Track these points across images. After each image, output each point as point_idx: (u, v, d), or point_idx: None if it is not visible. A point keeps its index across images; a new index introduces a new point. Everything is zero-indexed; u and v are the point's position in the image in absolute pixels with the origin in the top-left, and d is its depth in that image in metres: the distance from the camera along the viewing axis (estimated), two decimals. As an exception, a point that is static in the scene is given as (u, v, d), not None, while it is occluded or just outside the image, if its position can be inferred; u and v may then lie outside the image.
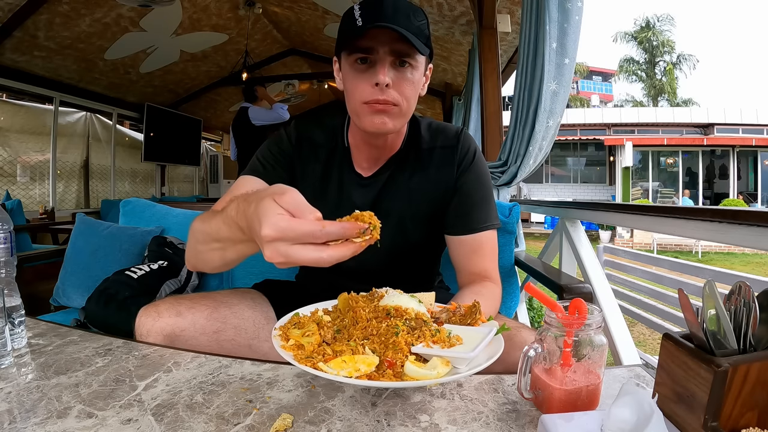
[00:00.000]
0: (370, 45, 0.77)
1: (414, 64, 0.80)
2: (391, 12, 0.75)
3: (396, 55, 0.78)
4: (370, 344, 0.55)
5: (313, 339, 0.56)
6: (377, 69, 0.77)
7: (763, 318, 0.47)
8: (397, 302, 0.61)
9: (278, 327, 0.62)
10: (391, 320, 0.57)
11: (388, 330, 0.56)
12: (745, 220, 0.99)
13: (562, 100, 1.90)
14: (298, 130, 0.94)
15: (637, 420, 0.44)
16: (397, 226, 0.92)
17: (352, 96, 0.81)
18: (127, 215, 1.79)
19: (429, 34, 0.82)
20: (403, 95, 0.80)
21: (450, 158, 0.92)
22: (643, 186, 13.21)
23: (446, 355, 0.53)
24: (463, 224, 0.91)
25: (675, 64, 21.97)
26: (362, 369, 0.51)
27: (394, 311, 0.59)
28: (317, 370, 0.50)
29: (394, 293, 0.64)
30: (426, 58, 0.84)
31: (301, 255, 0.47)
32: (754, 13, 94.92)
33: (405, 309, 0.60)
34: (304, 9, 4.76)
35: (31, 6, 3.46)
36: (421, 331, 0.57)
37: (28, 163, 4.55)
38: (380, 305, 0.60)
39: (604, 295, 1.67)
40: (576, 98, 22.54)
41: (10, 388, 0.59)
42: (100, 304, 1.33)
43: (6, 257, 0.71)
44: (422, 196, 0.92)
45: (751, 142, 12.73)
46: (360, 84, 0.79)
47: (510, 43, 3.98)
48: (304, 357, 0.53)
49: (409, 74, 0.80)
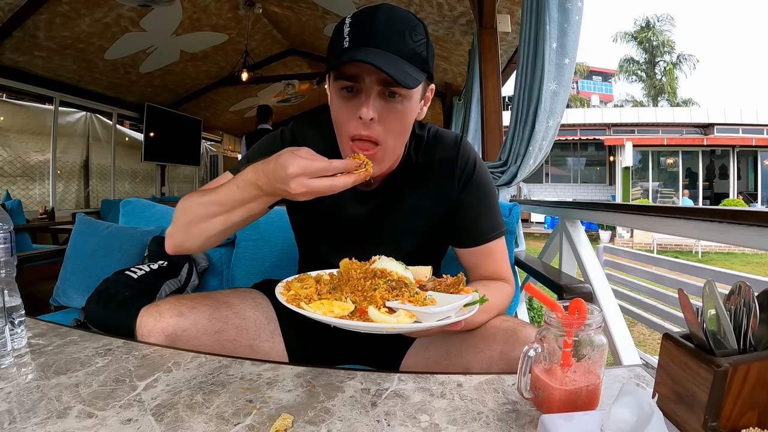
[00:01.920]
0: (356, 72, 0.70)
1: (406, 94, 0.72)
2: (383, 30, 0.68)
3: (385, 84, 0.70)
4: (353, 297, 0.62)
5: (309, 291, 0.64)
6: (362, 100, 0.70)
7: (763, 318, 0.47)
8: (384, 266, 0.67)
9: (284, 282, 0.69)
10: (375, 279, 0.64)
11: (370, 287, 0.63)
12: (745, 220, 0.99)
13: (562, 100, 1.90)
14: (294, 133, 0.89)
15: (637, 420, 0.44)
16: (395, 240, 0.89)
17: (338, 127, 0.77)
18: (127, 215, 1.79)
19: (428, 54, 0.74)
20: (390, 131, 0.73)
21: (450, 171, 0.87)
22: (643, 186, 13.21)
23: (414, 310, 0.59)
24: (471, 238, 0.88)
25: (675, 64, 21.96)
26: (336, 311, 0.59)
27: (380, 273, 0.65)
28: (299, 308, 0.59)
29: (385, 259, 0.70)
30: (424, 82, 0.76)
31: (319, 184, 0.61)
32: (754, 13, 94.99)
33: (389, 272, 0.66)
34: (304, 9, 4.76)
35: (31, 6, 3.46)
36: (400, 291, 0.63)
37: (28, 163, 4.55)
38: (370, 268, 0.67)
39: (604, 295, 1.67)
40: (576, 98, 22.54)
41: (10, 388, 0.59)
42: (100, 304, 1.33)
43: (6, 257, 0.71)
44: (422, 212, 0.88)
45: (751, 142, 12.73)
46: (344, 114, 0.73)
47: (510, 43, 3.98)
48: (292, 298, 0.63)
49: (400, 106, 0.72)
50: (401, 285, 0.64)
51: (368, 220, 0.88)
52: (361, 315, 0.59)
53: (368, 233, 0.89)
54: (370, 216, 0.88)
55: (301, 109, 7.77)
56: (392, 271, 0.66)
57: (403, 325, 0.57)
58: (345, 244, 0.90)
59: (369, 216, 0.88)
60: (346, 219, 0.89)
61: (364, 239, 0.89)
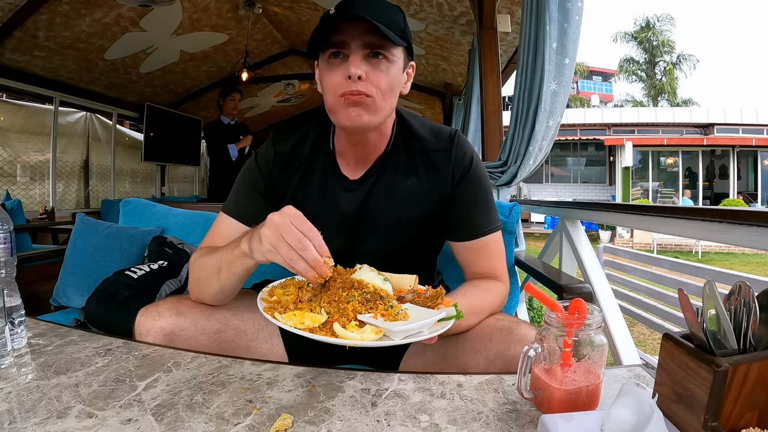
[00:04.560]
0: (342, 39, 0.77)
1: (389, 57, 0.79)
2: (364, 7, 0.75)
3: (369, 47, 0.77)
4: (327, 307, 0.63)
5: (290, 298, 0.66)
6: (350, 61, 0.77)
7: (763, 318, 0.47)
8: (362, 277, 0.67)
9: (269, 286, 0.72)
10: (351, 291, 0.65)
11: (345, 298, 0.64)
12: (745, 220, 0.99)
13: (562, 100, 1.90)
14: (275, 147, 0.91)
15: (637, 420, 0.44)
16: (388, 230, 0.89)
17: (327, 90, 0.80)
18: (127, 215, 1.79)
19: (405, 28, 0.81)
20: (378, 87, 0.78)
21: (443, 162, 0.88)
22: (643, 186, 13.21)
23: (380, 325, 0.59)
24: (466, 231, 0.89)
25: (675, 64, 21.96)
26: (306, 323, 0.60)
27: (358, 284, 0.66)
28: (272, 318, 0.61)
29: (366, 269, 0.70)
30: (405, 56, 0.83)
31: None
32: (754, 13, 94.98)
33: (366, 283, 0.66)
34: (304, 9, 4.76)
35: (31, 6, 3.46)
36: (374, 303, 0.63)
37: (28, 163, 4.55)
38: (349, 278, 0.67)
39: (604, 295, 1.67)
40: (576, 98, 22.53)
41: (10, 388, 0.59)
42: (100, 304, 1.33)
43: (6, 257, 0.71)
44: (414, 200, 0.88)
45: (751, 142, 12.73)
46: (333, 77, 0.78)
47: (510, 43, 3.98)
48: (269, 308, 0.64)
49: (384, 67, 0.78)
50: (376, 297, 0.64)
51: (360, 210, 0.88)
52: (330, 327, 0.60)
53: (361, 222, 0.89)
54: (362, 204, 0.88)
55: (301, 109, 7.75)
56: (369, 282, 0.66)
57: (366, 342, 0.57)
58: (338, 235, 0.89)
59: (361, 204, 0.88)
60: (338, 208, 0.89)
61: (358, 229, 0.89)
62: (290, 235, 0.63)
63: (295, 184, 0.90)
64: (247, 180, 0.92)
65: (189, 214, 1.76)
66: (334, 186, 0.89)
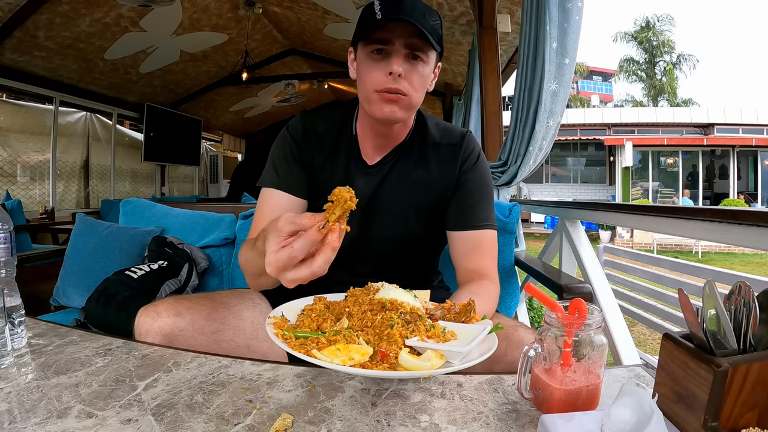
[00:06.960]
0: (387, 37, 0.81)
1: (425, 60, 0.84)
2: (410, 9, 0.80)
3: (410, 48, 0.82)
4: (364, 335, 0.55)
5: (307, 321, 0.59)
6: (392, 59, 0.82)
7: (763, 318, 0.47)
8: (393, 295, 0.61)
9: (272, 316, 0.62)
10: (386, 313, 0.58)
11: (382, 322, 0.56)
12: (745, 220, 0.99)
13: (562, 100, 1.90)
14: (303, 123, 0.97)
15: (637, 420, 0.44)
16: (399, 215, 0.94)
17: (366, 83, 0.85)
18: (127, 215, 1.79)
19: (441, 34, 0.87)
20: (413, 86, 0.84)
21: (453, 156, 0.95)
22: (643, 186, 13.20)
23: (441, 349, 0.53)
24: (464, 220, 0.93)
25: (675, 64, 21.95)
26: (356, 358, 0.51)
27: (390, 304, 0.59)
28: (310, 356, 0.51)
29: (390, 287, 0.64)
30: (436, 56, 0.89)
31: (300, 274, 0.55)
32: (754, 13, 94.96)
33: (401, 302, 0.60)
34: (304, 9, 4.76)
35: (31, 6, 3.46)
36: (415, 325, 0.57)
37: (28, 163, 4.55)
38: (375, 298, 0.61)
39: (604, 295, 1.67)
40: (576, 98, 22.53)
41: (10, 388, 0.59)
42: (100, 304, 1.33)
43: (6, 257, 0.71)
44: (423, 188, 0.94)
45: (751, 142, 12.72)
46: (374, 72, 0.83)
47: (510, 43, 3.98)
48: (298, 344, 0.54)
49: (420, 68, 0.84)
50: (415, 318, 0.57)
51: (375, 194, 0.93)
52: (383, 358, 0.52)
53: (373, 206, 0.93)
54: (377, 188, 0.94)
55: (301, 108, 7.77)
56: (403, 301, 0.59)
57: (441, 370, 0.51)
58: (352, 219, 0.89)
59: (375, 189, 0.94)
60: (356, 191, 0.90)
61: (371, 215, 0.93)
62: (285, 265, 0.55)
63: (321, 161, 0.95)
64: (282, 150, 0.96)
65: (189, 214, 1.76)
66: (355, 169, 0.95)
